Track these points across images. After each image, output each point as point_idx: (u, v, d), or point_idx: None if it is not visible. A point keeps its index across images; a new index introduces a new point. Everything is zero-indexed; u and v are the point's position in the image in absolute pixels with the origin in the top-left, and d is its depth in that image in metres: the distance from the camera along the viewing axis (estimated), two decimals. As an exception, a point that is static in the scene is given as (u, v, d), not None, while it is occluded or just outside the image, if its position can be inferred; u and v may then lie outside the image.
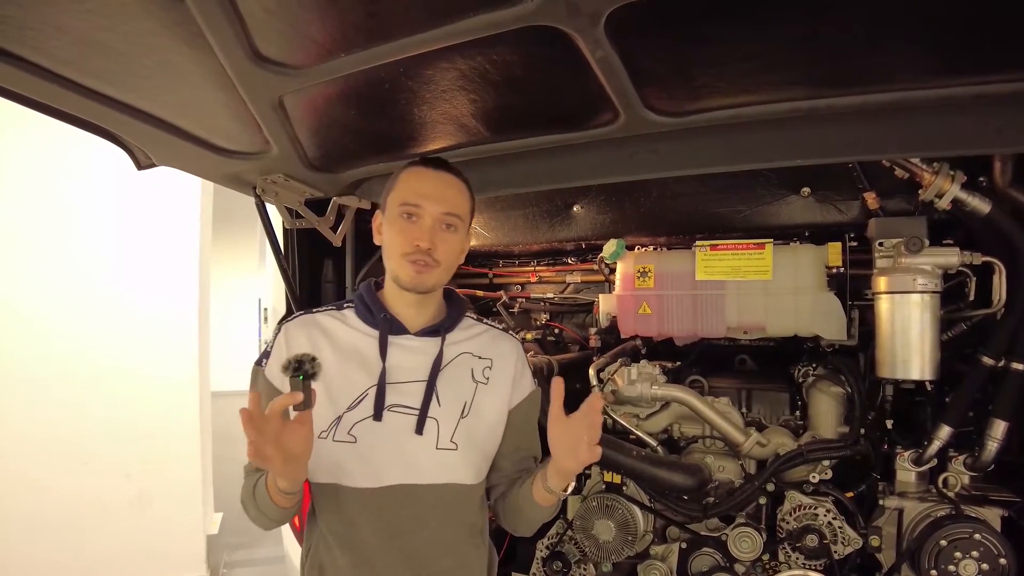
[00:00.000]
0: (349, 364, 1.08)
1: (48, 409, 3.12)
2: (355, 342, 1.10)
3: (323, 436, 1.04)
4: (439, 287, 1.12)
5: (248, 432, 0.85)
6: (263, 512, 1.04)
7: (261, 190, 1.50)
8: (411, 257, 1.04)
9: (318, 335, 1.10)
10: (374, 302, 1.11)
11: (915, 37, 0.90)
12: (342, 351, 1.09)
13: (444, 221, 1.06)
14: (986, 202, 1.37)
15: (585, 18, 0.83)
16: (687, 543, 1.69)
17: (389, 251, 1.08)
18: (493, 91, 1.08)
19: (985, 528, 1.36)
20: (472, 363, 1.14)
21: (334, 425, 1.04)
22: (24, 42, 0.90)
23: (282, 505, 1.01)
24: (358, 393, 1.06)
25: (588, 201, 1.97)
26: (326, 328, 1.11)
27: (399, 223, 1.05)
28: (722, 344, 1.96)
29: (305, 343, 1.08)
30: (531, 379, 1.21)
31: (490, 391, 1.14)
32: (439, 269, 1.06)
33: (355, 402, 1.05)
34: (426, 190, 1.06)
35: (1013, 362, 1.37)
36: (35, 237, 3.13)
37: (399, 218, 1.05)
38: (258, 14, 0.86)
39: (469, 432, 1.09)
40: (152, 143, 1.29)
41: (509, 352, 1.18)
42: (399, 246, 1.05)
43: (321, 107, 1.17)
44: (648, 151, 1.28)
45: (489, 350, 1.17)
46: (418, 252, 1.04)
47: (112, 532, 3.23)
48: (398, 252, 1.05)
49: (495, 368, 1.15)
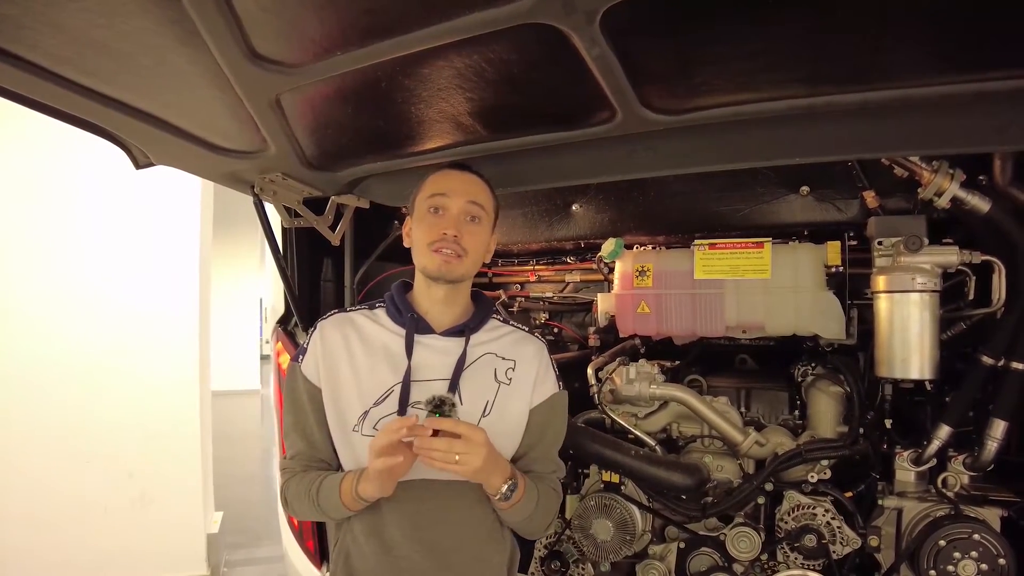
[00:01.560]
0: (377, 361, 1.13)
1: (49, 409, 3.13)
2: (384, 340, 1.15)
3: (356, 430, 1.09)
4: (467, 278, 1.16)
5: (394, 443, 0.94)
6: (325, 511, 1.09)
7: (259, 189, 1.50)
8: (437, 246, 1.09)
9: (351, 332, 1.16)
10: (403, 302, 1.17)
11: (915, 35, 0.89)
12: (371, 348, 1.14)
13: (469, 212, 1.12)
14: (986, 201, 1.36)
15: (581, 16, 0.83)
16: (685, 543, 1.69)
17: (417, 244, 1.13)
18: (490, 89, 1.08)
19: (984, 528, 1.35)
20: (495, 364, 1.17)
21: (361, 419, 1.09)
22: (21, 40, 0.90)
23: (353, 510, 1.07)
24: (384, 389, 1.10)
25: (586, 200, 1.97)
26: (359, 326, 1.17)
27: (427, 218, 1.12)
28: (721, 343, 1.95)
29: (339, 340, 1.14)
30: (555, 381, 1.22)
31: (512, 392, 1.16)
32: (467, 259, 1.11)
33: (381, 398, 1.10)
34: (451, 184, 1.14)
35: (1013, 361, 1.37)
36: (35, 238, 3.13)
37: (427, 213, 1.12)
38: (254, 12, 0.86)
39: (489, 431, 1.08)
40: (150, 142, 1.29)
41: (533, 354, 1.20)
42: (426, 236, 1.10)
43: (318, 106, 1.17)
44: (646, 149, 1.27)
45: (513, 351, 1.19)
46: (444, 240, 1.09)
47: (113, 531, 3.23)
48: (425, 243, 1.10)
49: (518, 369, 1.17)
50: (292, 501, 1.14)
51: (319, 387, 1.13)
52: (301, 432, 1.15)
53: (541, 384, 1.19)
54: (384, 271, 1.97)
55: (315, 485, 1.09)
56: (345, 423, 1.11)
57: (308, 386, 1.14)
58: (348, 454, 1.11)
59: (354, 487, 1.03)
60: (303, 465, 1.15)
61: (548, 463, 1.20)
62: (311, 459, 1.16)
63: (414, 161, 1.40)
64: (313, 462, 1.16)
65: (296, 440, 1.16)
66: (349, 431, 1.10)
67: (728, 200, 1.76)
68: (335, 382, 1.12)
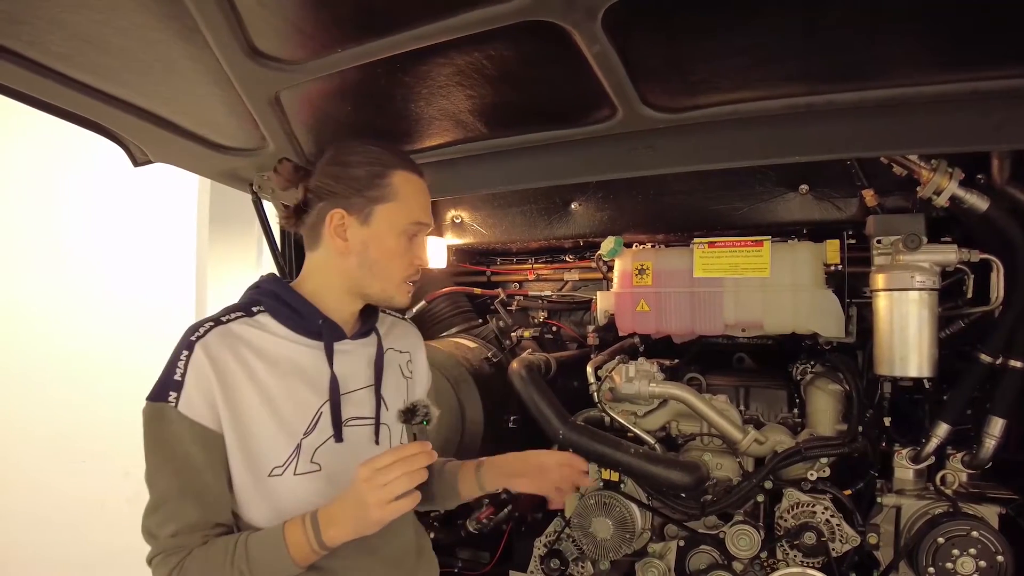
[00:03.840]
0: (292, 382, 0.95)
1: (46, 408, 3.12)
2: (290, 355, 0.96)
3: (277, 472, 0.91)
4: None
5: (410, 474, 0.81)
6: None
7: (258, 187, 1.50)
8: (412, 278, 1.01)
9: (244, 351, 0.93)
10: (304, 305, 0.98)
11: (913, 33, 0.90)
12: (279, 367, 0.94)
13: None
14: (984, 199, 1.36)
15: (581, 13, 0.83)
16: (685, 541, 1.69)
17: (384, 272, 0.98)
18: (490, 87, 1.08)
19: (983, 526, 1.36)
20: (397, 359, 1.11)
21: (294, 456, 0.92)
22: (19, 37, 0.89)
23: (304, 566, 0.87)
24: (311, 414, 0.94)
25: (586, 198, 1.97)
26: (249, 341, 0.94)
27: (403, 244, 0.98)
28: (720, 342, 1.95)
29: (232, 363, 0.91)
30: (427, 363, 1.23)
31: (415, 385, 1.15)
32: None
33: (311, 426, 0.94)
34: (428, 207, 1.03)
35: (1011, 359, 1.37)
36: (31, 236, 3.12)
37: (403, 238, 0.98)
38: (254, 9, 0.86)
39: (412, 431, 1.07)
40: (148, 139, 1.29)
41: (417, 342, 1.19)
42: (403, 270, 0.99)
43: (318, 103, 1.17)
44: (646, 147, 1.27)
45: (404, 343, 1.15)
46: (417, 273, 1.01)
47: (110, 529, 3.22)
48: (400, 276, 0.99)
49: (414, 361, 1.16)
50: None
51: (216, 431, 0.89)
52: (191, 495, 0.89)
53: (428, 374, 1.22)
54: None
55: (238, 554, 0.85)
56: (260, 469, 0.91)
57: (197, 431, 0.88)
58: (264, 507, 0.92)
59: (311, 537, 0.84)
60: (198, 538, 0.88)
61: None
62: (207, 527, 0.90)
63: (414, 158, 1.39)
64: (210, 530, 0.90)
65: (182, 508, 0.88)
66: (265, 477, 0.91)
67: (727, 198, 1.76)
68: (242, 419, 0.90)
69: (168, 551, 0.88)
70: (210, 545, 0.88)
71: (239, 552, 0.85)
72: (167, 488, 0.89)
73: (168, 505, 0.89)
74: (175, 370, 0.90)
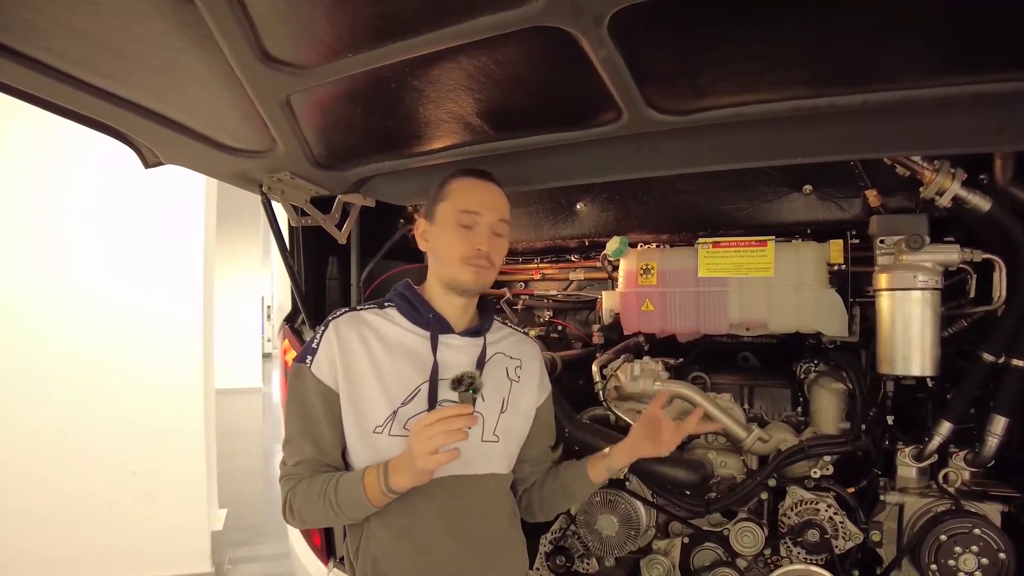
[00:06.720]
0: (399, 360, 1.13)
1: (54, 408, 3.14)
2: (402, 339, 1.15)
3: (379, 431, 1.09)
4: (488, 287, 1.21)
5: (449, 432, 0.92)
6: (344, 512, 1.05)
7: (267, 188, 1.51)
8: (472, 261, 1.12)
9: (367, 332, 1.14)
10: (420, 302, 1.17)
11: (917, 37, 0.91)
12: (391, 347, 1.14)
13: (496, 228, 1.15)
14: (986, 200, 1.37)
15: (589, 19, 0.84)
16: (689, 538, 1.71)
17: (445, 256, 1.14)
18: (498, 90, 1.09)
19: (985, 523, 1.37)
20: (506, 362, 1.24)
21: (390, 420, 1.09)
22: (36, 43, 0.91)
23: (378, 505, 1.05)
24: (411, 388, 1.11)
25: (591, 199, 1.98)
26: (374, 326, 1.16)
27: (459, 231, 1.13)
28: (724, 341, 1.96)
29: (356, 340, 1.13)
30: (548, 380, 1.34)
31: (522, 389, 1.24)
32: (493, 270, 1.16)
33: (409, 397, 1.11)
34: (483, 199, 1.15)
35: (1013, 358, 1.38)
36: (39, 236, 3.14)
37: (457, 227, 1.13)
38: (267, 15, 0.87)
39: (508, 426, 1.19)
40: (160, 142, 1.30)
41: (534, 355, 1.31)
42: (460, 251, 1.12)
43: (328, 106, 1.18)
44: (651, 149, 1.29)
45: (517, 351, 1.28)
46: (479, 256, 1.12)
47: (118, 528, 3.25)
48: (458, 257, 1.12)
49: (524, 368, 1.26)
50: (301, 507, 1.09)
51: (334, 389, 1.11)
52: (310, 437, 1.12)
53: (542, 384, 1.31)
54: (388, 269, 1.98)
55: (330, 485, 1.06)
56: (366, 425, 1.10)
57: (321, 388, 1.11)
58: (367, 456, 1.10)
59: (382, 481, 1.01)
60: (311, 470, 1.11)
61: (546, 453, 1.36)
62: (319, 464, 1.13)
63: (421, 160, 1.41)
64: (321, 467, 1.13)
65: (303, 445, 1.12)
66: (370, 433, 1.09)
67: (732, 199, 1.76)
68: (355, 383, 1.11)
69: (290, 476, 1.12)
70: (316, 477, 1.09)
71: (331, 485, 1.06)
72: (294, 428, 1.13)
73: (294, 441, 1.13)
74: (315, 340, 1.14)
